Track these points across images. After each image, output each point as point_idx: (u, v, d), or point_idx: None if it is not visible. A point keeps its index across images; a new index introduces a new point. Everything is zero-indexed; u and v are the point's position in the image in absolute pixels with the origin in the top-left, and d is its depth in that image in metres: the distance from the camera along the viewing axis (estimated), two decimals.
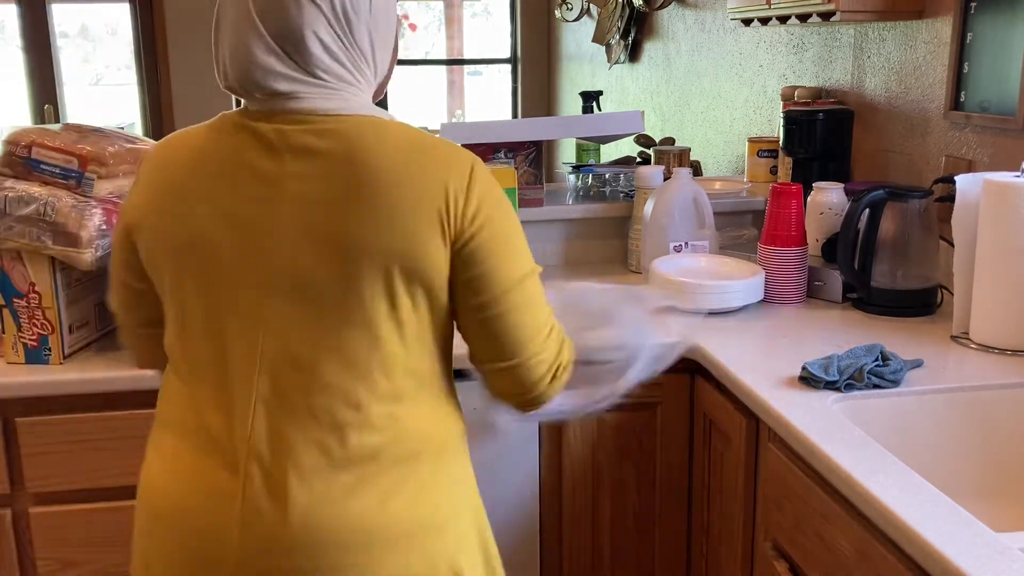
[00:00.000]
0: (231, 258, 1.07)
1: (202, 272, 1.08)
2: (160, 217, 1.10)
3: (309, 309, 1.05)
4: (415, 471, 1.09)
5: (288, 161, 1.05)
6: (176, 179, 1.10)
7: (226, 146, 1.09)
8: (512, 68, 5.82)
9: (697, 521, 1.75)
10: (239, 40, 1.07)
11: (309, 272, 1.04)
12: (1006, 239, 1.55)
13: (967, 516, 1.05)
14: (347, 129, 1.06)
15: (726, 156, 3.24)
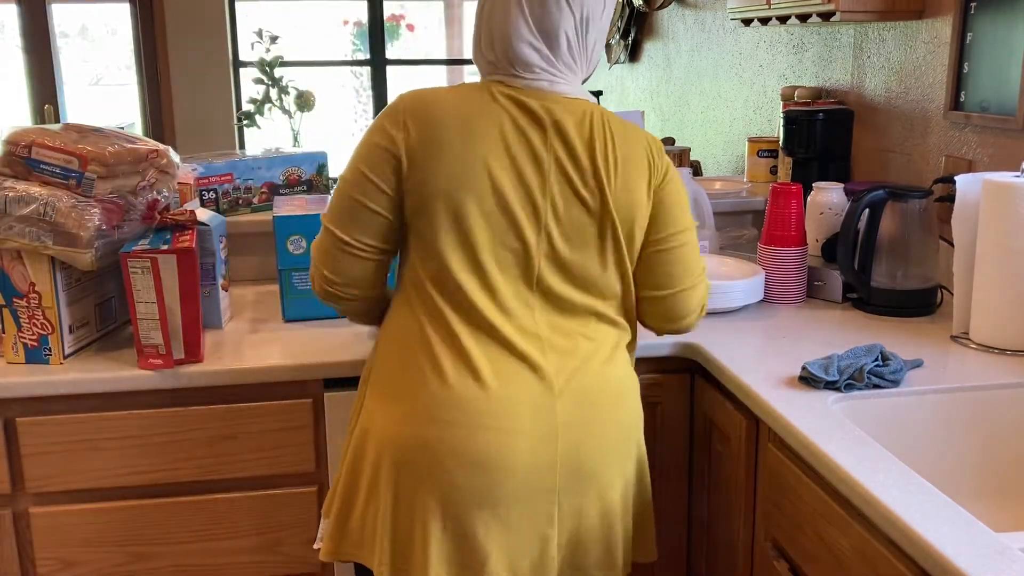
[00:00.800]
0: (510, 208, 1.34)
1: (483, 215, 1.33)
2: (440, 160, 1.34)
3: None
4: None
5: (551, 133, 1.34)
6: (448, 128, 1.34)
7: (494, 110, 1.35)
8: None
9: (697, 521, 1.75)
10: (507, 27, 1.36)
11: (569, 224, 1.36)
12: (1006, 239, 1.55)
13: (967, 516, 1.05)
14: (584, 108, 1.37)
15: (726, 156, 3.24)
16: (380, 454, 1.33)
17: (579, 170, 1.35)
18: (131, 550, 1.63)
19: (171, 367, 1.57)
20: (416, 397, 1.31)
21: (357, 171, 1.36)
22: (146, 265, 1.54)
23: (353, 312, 1.48)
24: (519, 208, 1.34)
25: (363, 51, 5.80)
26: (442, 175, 1.32)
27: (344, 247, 1.37)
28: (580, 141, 1.35)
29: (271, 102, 4.74)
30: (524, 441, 1.30)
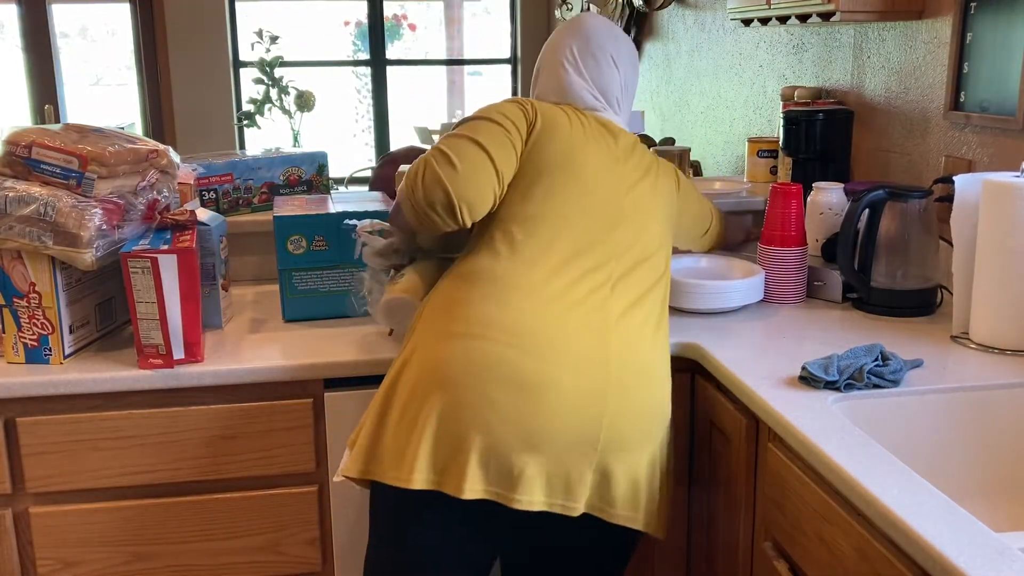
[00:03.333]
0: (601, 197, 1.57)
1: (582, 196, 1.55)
2: (555, 139, 1.57)
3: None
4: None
5: (621, 149, 1.64)
6: (561, 121, 1.60)
7: (589, 125, 1.63)
8: (512, 68, 5.82)
9: (697, 521, 1.75)
10: (564, 81, 1.70)
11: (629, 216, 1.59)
12: (1006, 239, 1.55)
13: (967, 516, 1.05)
14: (632, 139, 1.69)
15: (726, 156, 3.24)
16: (422, 371, 1.37)
17: (636, 169, 1.64)
18: (131, 550, 1.63)
19: (171, 367, 1.57)
20: (468, 314, 1.40)
21: (496, 114, 1.55)
22: (146, 265, 1.54)
23: (425, 241, 1.67)
24: (607, 184, 1.57)
25: (363, 51, 5.80)
26: (558, 150, 1.55)
27: (489, 160, 1.48)
28: (625, 156, 1.65)
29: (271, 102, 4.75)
30: (571, 378, 1.36)
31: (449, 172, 1.45)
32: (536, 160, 1.54)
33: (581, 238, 1.50)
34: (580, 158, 1.56)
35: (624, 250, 1.53)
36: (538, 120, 1.57)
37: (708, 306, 1.82)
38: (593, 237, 1.51)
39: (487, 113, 1.55)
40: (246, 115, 4.68)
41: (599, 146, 1.60)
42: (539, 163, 1.53)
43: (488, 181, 1.48)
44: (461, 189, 1.45)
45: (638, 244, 1.55)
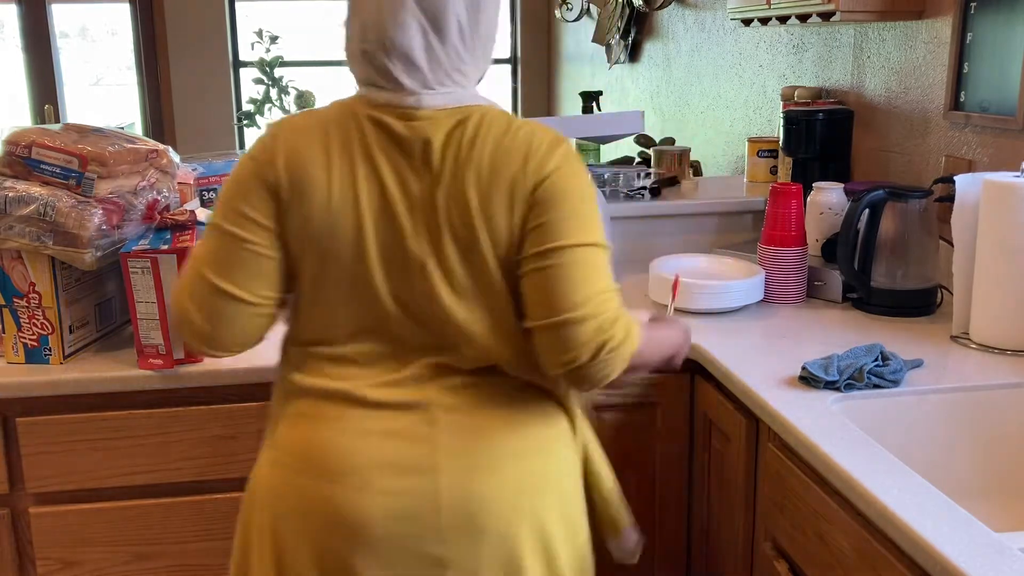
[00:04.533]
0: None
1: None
2: (310, 203, 1.24)
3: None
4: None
5: (419, 158, 1.20)
6: (315, 164, 1.25)
7: (356, 137, 1.23)
8: (512, 68, 5.82)
9: (697, 521, 1.75)
10: (383, 5, 1.19)
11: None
12: (1006, 239, 1.55)
13: (967, 516, 1.05)
14: (460, 118, 1.21)
15: (726, 156, 3.24)
16: (260, 509, 1.25)
17: (448, 199, 1.19)
18: (131, 550, 1.63)
19: (171, 367, 1.57)
20: (278, 441, 1.25)
21: (229, 206, 1.21)
22: (146, 265, 1.54)
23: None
24: (390, 256, 1.20)
25: None
26: (313, 220, 1.19)
27: (234, 300, 1.21)
28: (443, 163, 1.19)
29: (271, 102, 4.75)
30: (380, 491, 1.18)
31: (197, 330, 1.23)
32: (302, 240, 1.21)
33: (370, 326, 1.22)
34: (343, 221, 1.19)
35: (436, 324, 1.22)
36: (282, 182, 1.19)
37: (708, 306, 1.81)
38: (383, 320, 1.22)
39: (217, 214, 1.22)
40: (246, 115, 4.68)
41: (386, 182, 1.19)
42: (305, 244, 1.21)
43: (243, 327, 1.23)
44: (217, 344, 1.24)
45: (460, 323, 1.21)
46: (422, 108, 1.20)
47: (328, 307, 1.23)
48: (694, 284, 1.82)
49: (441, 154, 1.19)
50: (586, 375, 1.17)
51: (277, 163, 1.20)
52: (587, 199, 1.21)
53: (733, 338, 1.69)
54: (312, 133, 1.21)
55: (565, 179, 1.19)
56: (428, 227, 1.19)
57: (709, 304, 1.81)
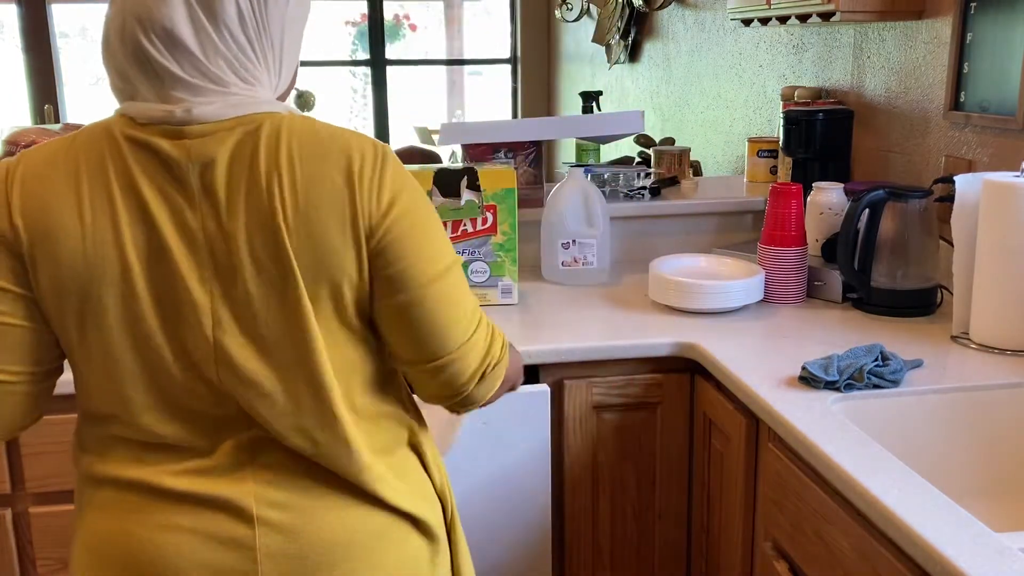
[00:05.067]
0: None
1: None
2: (58, 254, 1.07)
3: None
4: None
5: (197, 186, 1.00)
6: (62, 209, 1.07)
7: (114, 167, 1.03)
8: (512, 68, 5.82)
9: (697, 521, 1.75)
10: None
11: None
12: (1006, 239, 1.55)
13: (967, 516, 1.05)
14: (250, 127, 1.00)
15: (726, 156, 3.24)
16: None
17: (247, 231, 0.98)
18: None
19: None
20: (86, 535, 1.12)
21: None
22: None
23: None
24: (169, 310, 1.00)
25: (363, 51, 5.80)
26: (64, 276, 0.99)
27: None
28: (233, 187, 0.98)
29: None
30: None
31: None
32: (57, 301, 1.01)
33: (162, 398, 1.03)
34: (105, 272, 0.99)
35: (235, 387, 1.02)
36: (20, 236, 0.99)
37: (708, 306, 1.81)
38: (174, 390, 1.03)
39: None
40: None
41: (145, 222, 0.99)
42: (62, 305, 1.01)
43: (5, 406, 1.06)
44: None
45: (266, 382, 1.03)
46: (194, 122, 0.98)
47: (108, 378, 1.03)
48: (694, 284, 1.82)
49: (227, 176, 0.98)
50: (472, 400, 1.12)
51: (12, 215, 0.99)
52: (431, 217, 1.06)
53: (733, 338, 1.69)
54: (55, 169, 1.00)
55: (407, 209, 1.03)
56: (217, 269, 0.99)
57: (709, 304, 1.81)
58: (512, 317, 1.86)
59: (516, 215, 1.90)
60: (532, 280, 2.13)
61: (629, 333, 1.74)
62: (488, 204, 1.88)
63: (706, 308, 1.82)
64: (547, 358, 1.67)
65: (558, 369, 1.69)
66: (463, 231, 1.89)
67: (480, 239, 1.90)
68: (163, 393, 1.03)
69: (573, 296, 2.00)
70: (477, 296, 1.46)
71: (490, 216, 1.89)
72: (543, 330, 1.78)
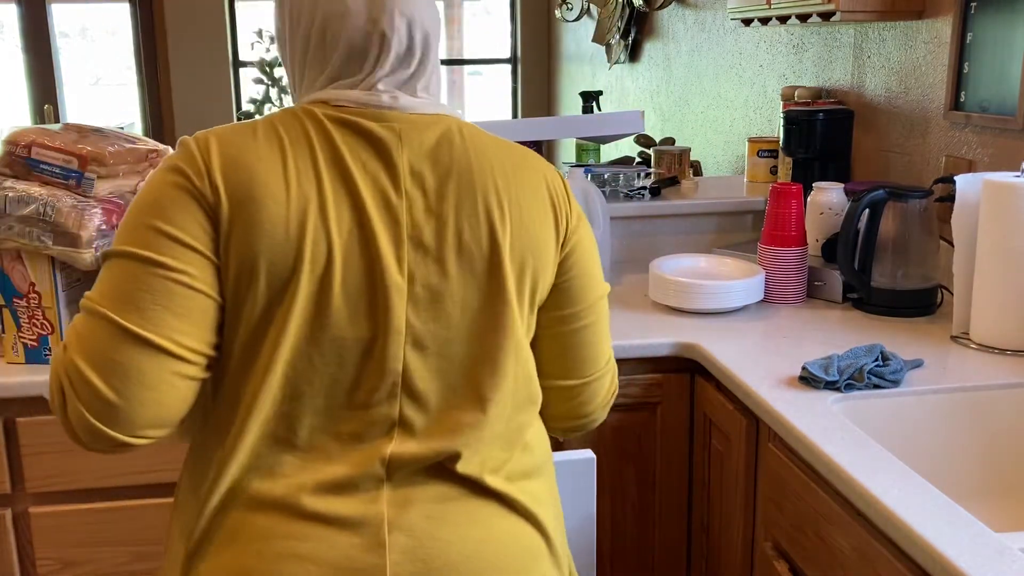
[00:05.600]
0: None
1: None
2: (258, 224, 1.05)
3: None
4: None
5: (404, 168, 1.03)
6: (263, 179, 1.06)
7: (318, 144, 1.04)
8: (512, 68, 5.82)
9: (697, 521, 1.75)
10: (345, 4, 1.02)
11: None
12: (1006, 239, 1.55)
13: (967, 516, 1.05)
14: (446, 124, 1.06)
15: (726, 156, 3.24)
16: None
17: (449, 217, 0.99)
18: (131, 550, 1.63)
19: None
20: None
21: (142, 226, 0.94)
22: None
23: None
24: (359, 293, 0.96)
25: None
26: (263, 245, 0.93)
27: (159, 352, 0.92)
28: (443, 172, 1.00)
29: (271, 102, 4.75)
30: None
31: (95, 398, 0.90)
32: (246, 274, 0.94)
33: (320, 393, 0.97)
34: (307, 245, 0.94)
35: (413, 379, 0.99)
36: (222, 199, 0.93)
37: (708, 306, 1.81)
38: (337, 385, 0.98)
39: (135, 234, 0.93)
40: (246, 115, 4.68)
41: (361, 194, 0.97)
42: (250, 278, 0.94)
43: (164, 394, 0.92)
44: (123, 420, 0.91)
45: (453, 367, 1.01)
46: (399, 109, 1.01)
47: (265, 370, 0.95)
48: (694, 284, 1.82)
49: (434, 162, 1.00)
50: (591, 424, 1.18)
51: (213, 174, 0.94)
52: (595, 244, 1.15)
53: (733, 338, 1.69)
54: (254, 139, 0.97)
55: (586, 228, 1.11)
56: (418, 251, 0.98)
57: (709, 304, 1.81)
58: None
59: None
60: None
61: (629, 333, 1.74)
62: None
63: (706, 308, 1.82)
64: None
65: None
66: None
67: None
68: (329, 391, 0.97)
69: None
70: None
71: None
72: None
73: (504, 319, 1.01)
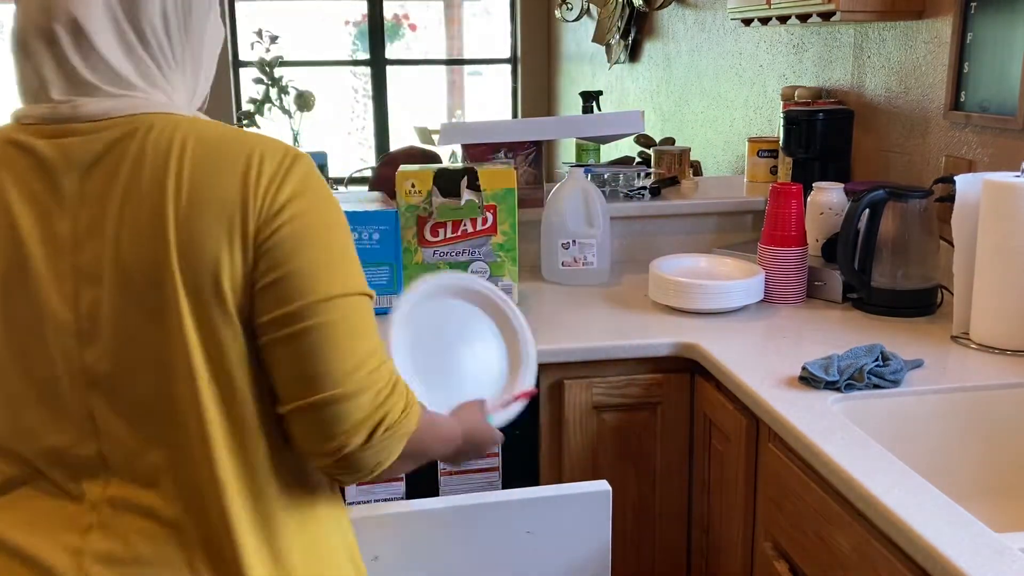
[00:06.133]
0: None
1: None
2: None
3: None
4: None
5: (68, 188, 0.92)
6: None
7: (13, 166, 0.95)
8: (512, 68, 5.82)
9: (697, 521, 1.75)
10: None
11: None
12: (1006, 239, 1.55)
13: (967, 516, 1.05)
14: (135, 127, 0.93)
15: (726, 156, 3.24)
16: None
17: (114, 240, 0.88)
18: None
19: None
20: None
21: None
22: None
23: None
24: (32, 321, 0.90)
25: (363, 51, 5.80)
26: None
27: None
28: (110, 189, 0.89)
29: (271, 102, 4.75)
30: None
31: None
32: None
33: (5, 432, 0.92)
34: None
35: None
36: None
37: (708, 306, 1.81)
38: (19, 421, 0.92)
39: None
40: (246, 115, 4.68)
41: (26, 224, 0.90)
42: None
43: None
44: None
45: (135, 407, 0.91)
46: (80, 119, 0.90)
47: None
48: (694, 284, 1.82)
49: (104, 177, 0.89)
50: (356, 463, 0.94)
51: None
52: (338, 232, 0.95)
53: (733, 338, 1.69)
54: None
55: (306, 210, 0.91)
56: (83, 279, 0.89)
57: (709, 304, 1.81)
58: None
59: (516, 215, 1.90)
60: (532, 280, 2.13)
61: (629, 333, 1.74)
62: (488, 204, 1.88)
63: (706, 308, 1.82)
64: (547, 358, 1.67)
65: (558, 369, 1.69)
66: (463, 231, 1.89)
67: (480, 239, 1.90)
68: (12, 426, 0.91)
69: (573, 296, 2.00)
70: None
71: (490, 216, 1.89)
72: (543, 330, 1.78)
73: (180, 343, 0.88)
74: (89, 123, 0.90)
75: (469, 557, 1.30)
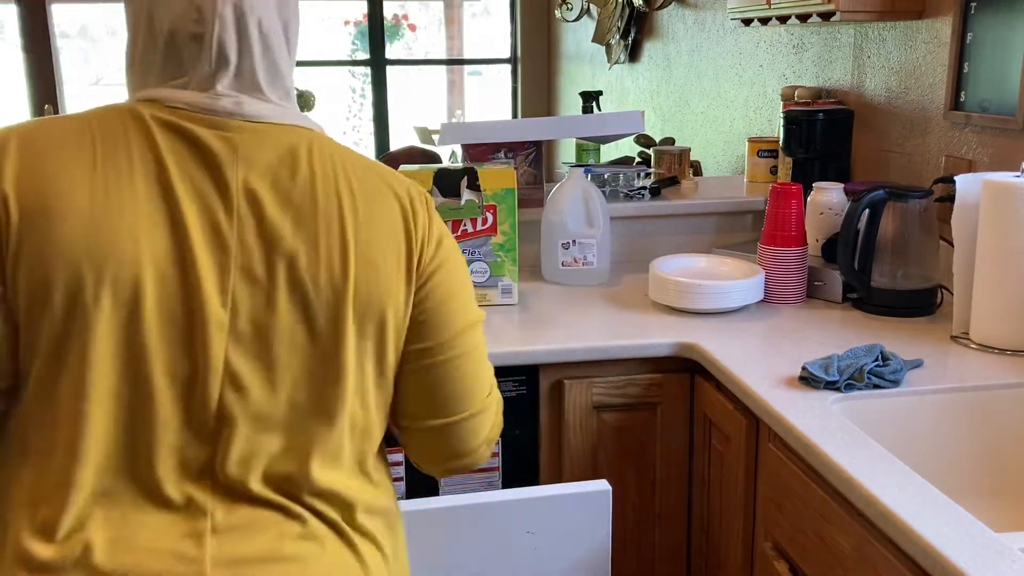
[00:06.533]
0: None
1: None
2: (54, 237, 0.92)
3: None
4: None
5: (237, 185, 0.93)
6: (68, 185, 0.95)
7: (138, 149, 0.93)
8: (512, 68, 5.82)
9: (697, 521, 1.75)
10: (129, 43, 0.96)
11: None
12: (1006, 239, 1.55)
13: (967, 516, 1.05)
14: (294, 140, 0.96)
15: (726, 156, 3.24)
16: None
17: (285, 247, 0.88)
18: None
19: None
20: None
21: None
22: None
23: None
24: (180, 319, 0.86)
25: (362, 51, 5.80)
26: (56, 264, 0.83)
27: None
28: (282, 198, 0.89)
29: None
30: None
31: None
32: (39, 296, 0.83)
33: (126, 437, 0.87)
34: (114, 264, 0.83)
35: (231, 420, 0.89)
36: (11, 211, 0.83)
37: (708, 306, 1.81)
38: (147, 424, 0.87)
39: None
40: None
41: (185, 209, 0.87)
42: (45, 301, 0.83)
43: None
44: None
45: (276, 414, 0.91)
46: (241, 117, 0.89)
47: (63, 407, 0.85)
48: (694, 284, 1.82)
49: (274, 185, 0.88)
50: (473, 464, 1.04)
51: (4, 178, 0.83)
52: (465, 267, 1.01)
53: (733, 338, 1.69)
54: (62, 142, 0.86)
55: (452, 248, 0.99)
56: (246, 282, 0.88)
57: (709, 304, 1.81)
58: (512, 317, 1.86)
59: (516, 215, 1.90)
60: (532, 280, 2.13)
61: (629, 333, 1.74)
62: (488, 204, 1.88)
63: (706, 308, 1.82)
64: (547, 358, 1.67)
65: (558, 369, 1.69)
66: (463, 231, 1.89)
67: (480, 239, 1.90)
68: (131, 434, 0.86)
69: (573, 296, 2.00)
70: (477, 296, 1.46)
71: (490, 216, 1.89)
72: (543, 330, 1.78)
73: (340, 363, 0.90)
74: (250, 123, 0.90)
75: (469, 557, 1.31)
